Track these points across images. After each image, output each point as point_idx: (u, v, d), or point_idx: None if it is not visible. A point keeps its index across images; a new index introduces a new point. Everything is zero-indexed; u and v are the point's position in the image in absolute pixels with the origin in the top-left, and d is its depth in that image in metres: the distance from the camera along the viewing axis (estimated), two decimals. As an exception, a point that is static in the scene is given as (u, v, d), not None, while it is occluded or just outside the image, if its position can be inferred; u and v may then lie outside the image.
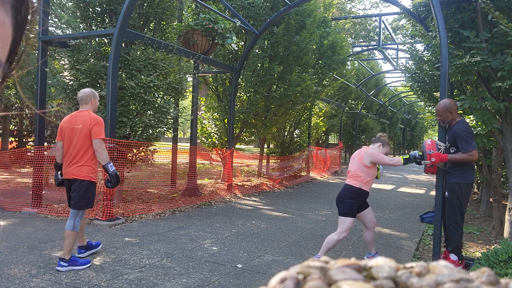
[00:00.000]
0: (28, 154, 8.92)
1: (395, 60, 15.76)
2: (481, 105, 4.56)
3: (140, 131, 6.81)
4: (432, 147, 4.21)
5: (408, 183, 14.09)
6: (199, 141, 10.57)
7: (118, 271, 3.80)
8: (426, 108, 8.91)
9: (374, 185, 12.48)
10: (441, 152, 4.25)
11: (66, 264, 3.76)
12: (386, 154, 4.37)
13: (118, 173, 4.04)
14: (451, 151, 4.22)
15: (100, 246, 4.42)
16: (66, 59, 8.79)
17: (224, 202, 8.05)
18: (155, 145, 7.52)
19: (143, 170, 8.60)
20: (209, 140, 10.53)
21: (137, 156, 7.10)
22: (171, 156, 8.51)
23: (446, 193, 4.28)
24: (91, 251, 4.27)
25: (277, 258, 4.47)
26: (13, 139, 14.40)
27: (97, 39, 7.11)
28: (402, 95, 25.40)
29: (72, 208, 3.90)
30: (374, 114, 23.66)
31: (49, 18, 7.57)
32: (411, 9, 5.93)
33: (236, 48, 9.19)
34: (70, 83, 6.96)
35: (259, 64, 9.71)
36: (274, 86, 10.05)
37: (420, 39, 6.05)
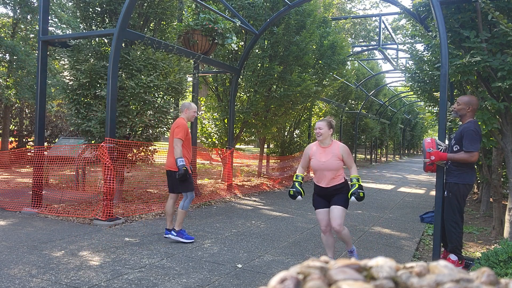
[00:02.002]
0: (28, 154, 8.93)
1: (395, 60, 15.75)
2: (481, 105, 4.56)
3: (140, 131, 6.81)
4: (432, 145, 4.21)
5: (408, 183, 14.09)
6: (199, 141, 10.57)
7: (118, 271, 3.80)
8: (426, 108, 8.91)
9: (374, 185, 12.49)
10: (441, 151, 4.25)
11: (175, 234, 4.82)
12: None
13: (186, 167, 4.69)
14: (454, 149, 4.21)
15: (191, 240, 4.94)
16: (66, 59, 8.79)
17: (224, 202, 8.05)
18: (155, 145, 7.52)
19: (143, 170, 8.60)
20: (209, 140, 10.53)
21: (137, 156, 7.10)
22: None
23: (445, 193, 4.28)
24: (176, 238, 4.85)
25: (277, 258, 4.47)
26: (13, 139, 14.40)
27: (97, 39, 7.11)
28: (402, 95, 25.39)
29: (181, 192, 4.95)
30: (374, 114, 23.65)
31: (49, 18, 7.56)
32: (411, 9, 5.93)
33: (236, 48, 9.18)
34: (70, 83, 6.96)
35: (259, 64, 9.71)
36: (274, 86, 10.05)
37: (420, 39, 6.05)
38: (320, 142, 4.04)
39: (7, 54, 11.96)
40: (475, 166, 4.51)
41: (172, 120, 7.44)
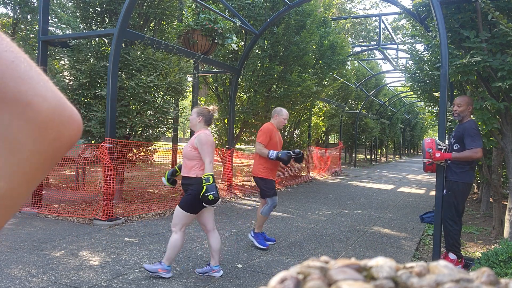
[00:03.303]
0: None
1: (395, 60, 15.76)
2: (481, 105, 4.56)
3: (140, 131, 6.81)
4: (432, 145, 4.21)
5: (408, 183, 14.09)
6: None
7: (118, 271, 3.80)
8: (426, 108, 8.92)
9: (374, 185, 12.49)
10: (441, 151, 4.25)
11: (253, 235, 4.85)
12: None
13: (279, 155, 4.71)
14: (455, 148, 4.23)
15: (273, 242, 5.04)
16: (66, 59, 8.79)
17: (224, 202, 8.05)
18: (155, 145, 7.52)
19: (143, 170, 8.59)
20: (209, 140, 10.52)
21: (137, 156, 7.10)
22: (171, 156, 8.51)
23: (445, 191, 4.29)
24: (252, 239, 4.85)
25: (277, 258, 4.47)
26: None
27: (97, 39, 7.11)
28: (402, 95, 25.39)
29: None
30: (374, 114, 23.66)
31: (49, 18, 7.56)
32: (411, 9, 5.93)
33: (236, 48, 9.19)
34: (70, 83, 6.96)
35: (259, 64, 9.71)
36: (274, 86, 10.05)
37: (420, 39, 6.05)
38: (192, 130, 3.91)
39: (7, 54, 11.94)
40: (475, 166, 4.51)
41: (172, 120, 7.44)
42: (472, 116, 5.05)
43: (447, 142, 4.51)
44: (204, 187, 3.45)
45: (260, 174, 4.84)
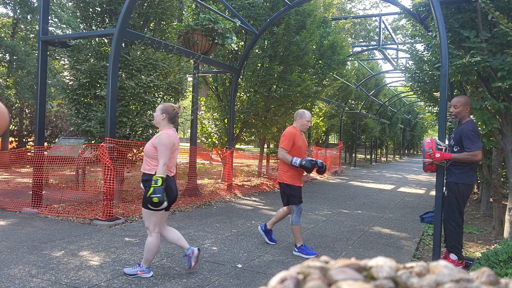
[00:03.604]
0: (28, 154, 8.93)
1: (395, 60, 15.75)
2: (481, 105, 4.55)
3: (140, 131, 6.81)
4: (432, 145, 4.21)
5: (408, 183, 14.09)
6: (199, 141, 10.57)
7: (118, 271, 3.80)
8: (426, 108, 8.91)
9: (374, 185, 12.49)
10: (442, 151, 4.25)
11: (297, 250, 4.66)
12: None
13: (303, 162, 4.54)
14: (455, 150, 4.22)
15: (274, 243, 5.05)
16: (66, 59, 8.79)
17: (224, 202, 8.05)
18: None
19: (143, 170, 8.58)
20: (209, 140, 10.53)
21: (137, 156, 7.10)
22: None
23: (445, 192, 4.28)
24: (298, 254, 4.70)
25: (277, 258, 4.47)
26: (13, 139, 14.40)
27: (97, 39, 7.11)
28: (402, 95, 25.39)
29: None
30: (374, 114, 23.65)
31: (49, 18, 7.56)
32: (411, 9, 5.93)
33: (236, 48, 9.18)
34: (70, 83, 6.96)
35: (259, 64, 9.71)
36: (274, 86, 10.04)
37: (420, 39, 6.05)
38: (157, 126, 3.81)
39: (7, 54, 11.97)
40: (476, 167, 4.50)
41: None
42: (472, 116, 5.06)
43: (447, 142, 4.51)
44: (152, 188, 3.35)
45: (286, 181, 4.66)
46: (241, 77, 9.54)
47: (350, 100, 19.46)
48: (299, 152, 4.69)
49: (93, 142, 6.85)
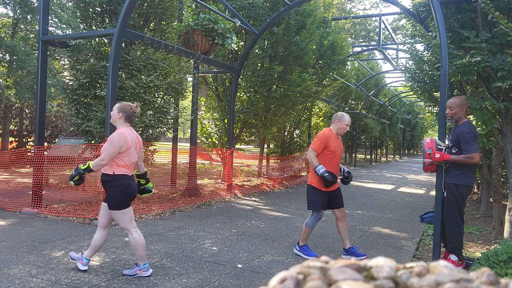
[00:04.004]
0: (28, 154, 8.93)
1: (395, 60, 15.75)
2: (481, 105, 4.55)
3: (140, 131, 6.81)
4: (432, 145, 4.21)
5: (408, 183, 14.09)
6: (199, 141, 10.57)
7: (118, 271, 3.80)
8: (426, 108, 8.92)
9: (374, 185, 12.49)
10: (442, 151, 4.25)
11: (298, 248, 4.64)
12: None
13: (326, 175, 4.31)
14: (453, 151, 4.22)
15: (364, 257, 4.55)
16: (66, 59, 8.79)
17: (224, 202, 8.05)
18: (155, 145, 7.51)
19: (143, 170, 8.57)
20: (209, 140, 10.53)
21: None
22: (171, 156, 8.51)
23: (445, 193, 4.28)
24: (298, 253, 4.66)
25: (277, 258, 4.47)
26: (13, 139, 14.40)
27: (97, 39, 7.11)
28: (402, 95, 25.39)
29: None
30: (374, 114, 23.65)
31: (49, 18, 7.56)
32: (411, 9, 5.93)
33: (236, 48, 9.18)
34: (70, 83, 6.95)
35: (259, 64, 9.71)
36: (274, 86, 10.04)
37: (420, 39, 6.05)
38: (114, 125, 3.81)
39: (7, 54, 11.96)
40: (475, 168, 4.50)
41: (172, 120, 7.43)
42: (472, 117, 5.06)
43: (447, 142, 4.51)
44: (82, 166, 3.62)
45: (314, 183, 4.48)
46: (241, 77, 9.54)
47: (350, 100, 19.46)
48: (332, 157, 4.46)
49: (93, 142, 6.84)
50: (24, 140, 14.33)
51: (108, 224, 3.75)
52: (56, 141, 13.37)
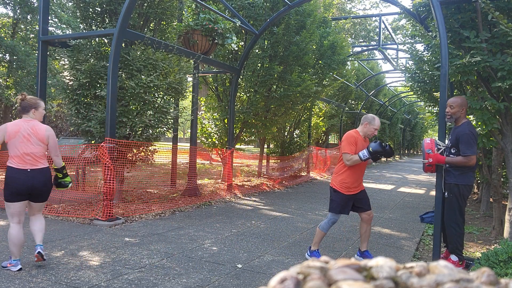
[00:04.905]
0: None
1: (395, 60, 15.76)
2: (481, 105, 4.55)
3: (140, 131, 6.81)
4: (431, 146, 4.21)
5: (408, 183, 14.09)
6: (199, 141, 10.57)
7: (118, 271, 3.80)
8: (426, 108, 8.92)
9: (374, 185, 12.49)
10: (441, 152, 4.25)
11: (309, 254, 4.55)
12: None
13: (370, 148, 4.12)
14: (452, 151, 4.22)
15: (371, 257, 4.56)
16: (66, 59, 8.79)
17: (224, 202, 8.05)
18: (155, 145, 7.51)
19: (143, 170, 8.60)
20: (209, 140, 10.53)
21: (137, 156, 7.10)
22: (171, 156, 8.51)
23: (446, 193, 4.28)
24: (308, 258, 4.53)
25: (277, 258, 4.47)
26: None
27: (97, 39, 7.11)
28: (402, 95, 25.40)
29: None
30: (374, 114, 23.65)
31: (49, 18, 7.56)
32: (411, 9, 5.93)
33: (236, 48, 9.18)
34: (70, 83, 6.95)
35: (259, 64, 9.71)
36: (274, 86, 10.05)
37: (420, 39, 6.05)
38: None
39: (7, 54, 11.96)
40: (475, 168, 4.49)
41: (172, 120, 7.44)
42: (472, 117, 5.06)
43: (447, 141, 4.51)
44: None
45: (335, 186, 4.37)
46: (241, 77, 9.54)
47: (350, 100, 19.46)
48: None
49: (93, 142, 6.85)
50: (24, 140, 14.30)
51: (35, 211, 3.86)
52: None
